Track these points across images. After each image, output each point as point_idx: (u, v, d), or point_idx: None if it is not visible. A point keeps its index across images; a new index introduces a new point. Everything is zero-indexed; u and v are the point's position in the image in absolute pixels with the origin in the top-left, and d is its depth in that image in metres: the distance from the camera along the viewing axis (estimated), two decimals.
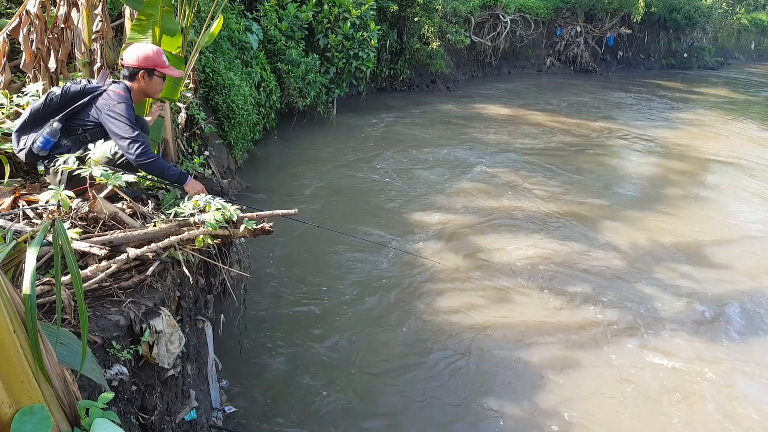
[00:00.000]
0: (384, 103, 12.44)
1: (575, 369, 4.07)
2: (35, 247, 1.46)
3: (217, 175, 5.83)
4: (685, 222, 6.90)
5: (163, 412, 2.49)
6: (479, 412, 3.61)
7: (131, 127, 3.06)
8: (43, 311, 2.19)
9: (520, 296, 4.95)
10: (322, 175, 7.67)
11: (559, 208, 6.99)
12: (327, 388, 3.73)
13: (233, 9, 8.69)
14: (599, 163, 9.33)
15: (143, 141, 3.08)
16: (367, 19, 10.58)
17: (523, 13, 18.18)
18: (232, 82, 7.17)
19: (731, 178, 8.82)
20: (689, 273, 5.56)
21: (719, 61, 25.53)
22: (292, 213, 3.16)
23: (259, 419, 3.44)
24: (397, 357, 4.09)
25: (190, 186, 3.26)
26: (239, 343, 3.94)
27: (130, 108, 3.12)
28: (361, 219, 6.37)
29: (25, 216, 2.76)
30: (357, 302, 4.73)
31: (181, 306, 3.03)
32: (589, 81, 18.50)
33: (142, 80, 3.28)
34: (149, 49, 3.29)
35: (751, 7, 30.73)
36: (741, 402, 3.86)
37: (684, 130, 12.07)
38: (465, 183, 7.72)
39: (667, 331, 4.58)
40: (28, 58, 3.92)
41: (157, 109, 4.10)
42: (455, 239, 5.98)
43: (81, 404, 1.66)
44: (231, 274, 3.72)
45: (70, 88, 3.13)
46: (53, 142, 3.05)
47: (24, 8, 3.86)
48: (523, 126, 11.42)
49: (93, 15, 4.12)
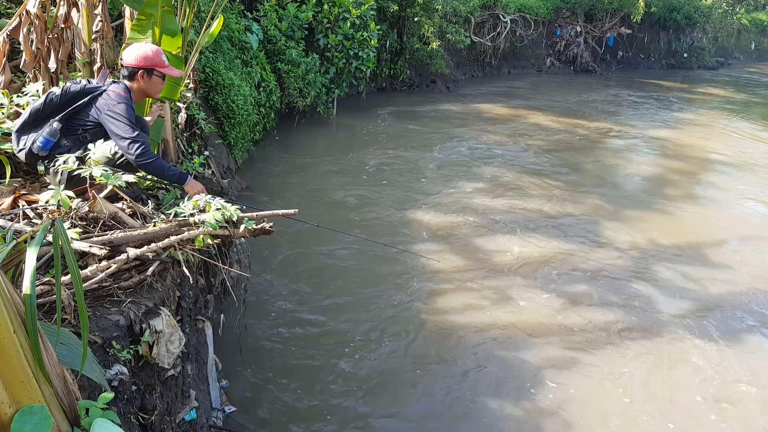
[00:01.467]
0: (384, 103, 12.44)
1: (575, 369, 4.07)
2: (35, 247, 1.46)
3: (217, 175, 5.83)
4: (685, 222, 6.90)
5: (163, 412, 2.49)
6: (479, 411, 3.61)
7: (131, 128, 3.06)
8: (43, 311, 2.19)
9: (520, 296, 4.95)
10: (322, 175, 7.67)
11: (559, 208, 6.99)
12: (327, 387, 3.74)
13: (233, 9, 8.68)
14: (599, 163, 9.33)
15: (143, 141, 3.08)
16: (367, 19, 10.58)
17: (523, 13, 18.18)
18: (232, 82, 7.17)
19: (731, 178, 8.82)
20: (689, 273, 5.57)
21: (719, 61, 25.53)
22: (292, 213, 3.16)
23: (259, 419, 3.45)
24: (396, 357, 4.09)
25: (190, 186, 3.26)
26: (239, 343, 3.94)
27: (130, 108, 3.12)
28: (361, 218, 6.37)
29: (25, 216, 2.76)
30: (357, 302, 4.73)
31: (181, 306, 3.03)
32: (589, 81, 18.49)
33: (141, 80, 3.28)
34: (148, 49, 3.30)
35: (751, 7, 30.72)
36: (741, 402, 3.87)
37: (684, 130, 12.07)
38: (465, 182, 7.72)
39: (667, 332, 4.59)
40: (28, 58, 3.92)
41: (156, 109, 4.10)
42: (455, 239, 5.98)
43: (81, 404, 1.66)
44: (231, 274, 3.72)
45: (70, 88, 3.13)
46: (53, 142, 3.05)
47: (24, 8, 3.86)
48: (523, 126, 11.42)
49: (93, 15, 4.11)
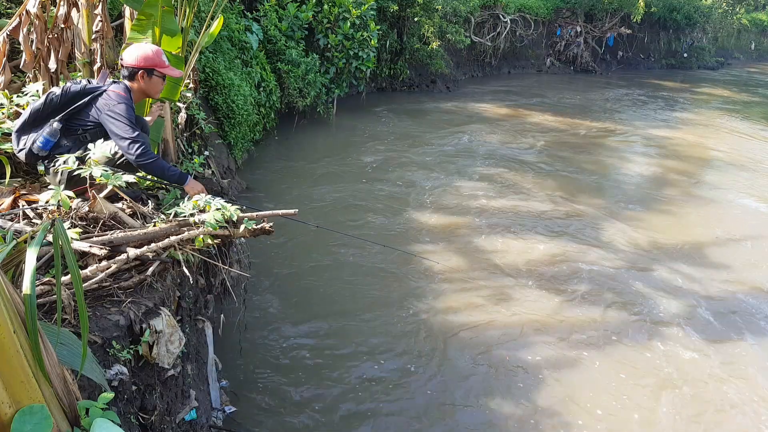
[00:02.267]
0: (384, 103, 12.44)
1: (575, 369, 4.07)
2: (35, 247, 1.46)
3: (217, 175, 5.83)
4: (685, 222, 6.90)
5: (163, 412, 2.49)
6: (479, 412, 3.61)
7: (131, 128, 3.06)
8: (43, 311, 2.19)
9: (520, 296, 4.95)
10: (321, 175, 7.67)
11: (559, 208, 6.99)
12: (327, 387, 3.74)
13: (233, 9, 8.68)
14: (599, 162, 9.33)
15: (143, 141, 3.08)
16: (367, 19, 10.58)
17: (523, 13, 18.18)
18: (232, 82, 7.18)
19: (731, 177, 8.82)
20: (689, 273, 5.57)
21: (719, 61, 25.53)
22: (292, 213, 3.16)
23: (259, 419, 3.45)
24: (396, 357, 4.09)
25: (190, 186, 3.27)
26: (239, 343, 3.94)
27: (130, 108, 3.12)
28: (360, 218, 6.37)
29: (25, 216, 2.76)
30: (357, 302, 4.73)
31: (181, 306, 3.03)
32: (589, 81, 18.49)
33: (141, 80, 3.28)
34: (149, 49, 3.29)
35: (751, 7, 30.72)
36: (741, 403, 3.86)
37: (684, 129, 12.07)
38: (465, 182, 7.72)
39: (667, 332, 4.59)
40: (28, 58, 3.92)
41: (157, 109, 4.09)
42: (455, 239, 5.98)
43: (81, 404, 1.66)
44: (231, 274, 3.72)
45: (70, 88, 3.13)
46: (53, 142, 3.05)
47: (24, 8, 3.86)
48: (523, 126, 11.42)
49: (93, 15, 4.11)
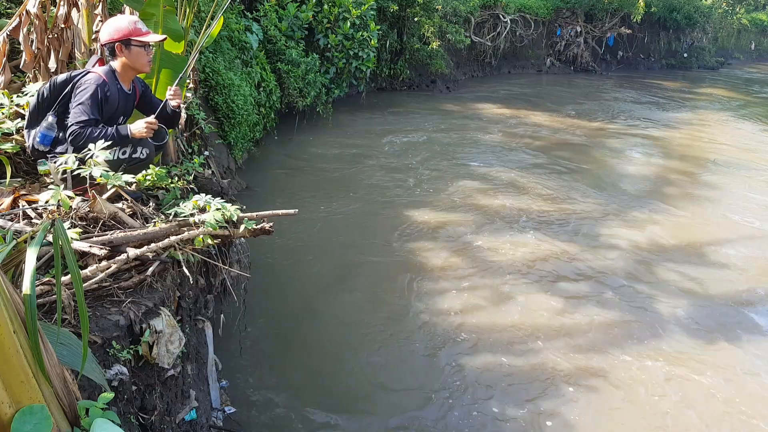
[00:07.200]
0: (384, 103, 12.44)
1: (575, 369, 4.07)
2: (35, 247, 1.46)
3: (217, 175, 5.83)
4: (685, 222, 6.90)
5: (163, 412, 2.48)
6: (478, 413, 3.61)
7: (85, 113, 2.97)
8: (43, 311, 2.19)
9: (520, 297, 4.94)
10: (321, 175, 7.67)
11: (559, 208, 6.99)
12: (327, 388, 3.74)
13: (233, 9, 8.68)
14: (599, 162, 9.33)
15: (83, 126, 2.96)
16: (367, 19, 10.58)
17: (523, 13, 18.18)
18: (232, 82, 7.17)
19: (731, 177, 8.82)
20: (690, 273, 5.56)
21: (719, 61, 25.51)
22: (292, 213, 3.16)
23: (259, 419, 3.44)
24: (396, 358, 4.09)
25: (135, 130, 3.10)
26: (239, 343, 3.94)
27: (96, 94, 3.03)
28: (360, 218, 6.37)
29: (25, 216, 2.76)
30: (357, 302, 4.73)
31: (181, 306, 3.03)
32: (589, 81, 18.49)
33: (121, 54, 3.17)
34: (121, 19, 3.19)
35: (751, 7, 30.72)
36: (740, 403, 3.86)
37: (684, 129, 12.07)
38: (465, 182, 7.71)
39: (667, 332, 4.58)
40: (28, 58, 3.92)
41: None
42: (455, 239, 5.98)
43: (81, 404, 1.66)
44: (231, 274, 3.72)
45: (56, 79, 3.12)
46: (51, 136, 3.05)
47: (24, 8, 3.86)
48: (523, 126, 11.42)
49: (93, 15, 4.11)
